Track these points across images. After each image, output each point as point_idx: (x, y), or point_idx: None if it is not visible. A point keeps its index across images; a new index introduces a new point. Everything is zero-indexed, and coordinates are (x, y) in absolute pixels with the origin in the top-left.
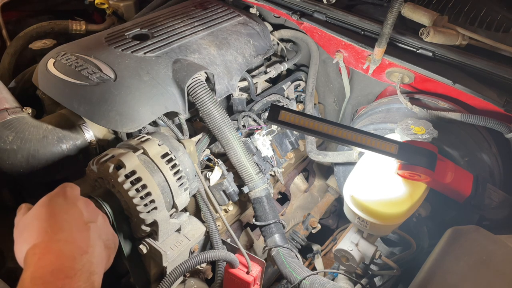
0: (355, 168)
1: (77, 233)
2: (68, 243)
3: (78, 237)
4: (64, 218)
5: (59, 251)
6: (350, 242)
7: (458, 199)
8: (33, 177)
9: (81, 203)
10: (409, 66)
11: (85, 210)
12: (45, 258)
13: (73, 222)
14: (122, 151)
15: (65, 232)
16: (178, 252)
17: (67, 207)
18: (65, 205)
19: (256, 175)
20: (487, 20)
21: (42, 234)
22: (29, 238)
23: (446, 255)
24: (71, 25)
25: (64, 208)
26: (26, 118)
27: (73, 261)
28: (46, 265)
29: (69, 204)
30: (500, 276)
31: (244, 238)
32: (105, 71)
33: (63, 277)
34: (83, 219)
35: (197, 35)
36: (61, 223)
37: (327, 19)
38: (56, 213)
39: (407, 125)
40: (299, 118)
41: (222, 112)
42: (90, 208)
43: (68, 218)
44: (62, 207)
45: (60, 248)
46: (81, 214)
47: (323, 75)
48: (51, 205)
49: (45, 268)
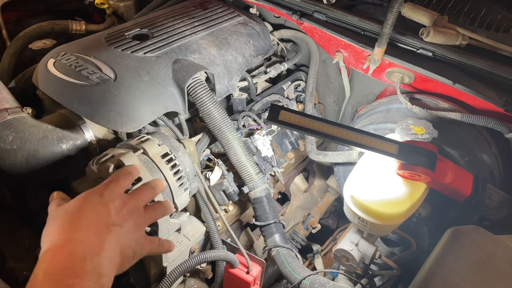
0: (355, 168)
1: (93, 234)
2: (81, 243)
3: (92, 238)
4: (87, 217)
5: (72, 250)
6: (350, 242)
7: (458, 199)
8: (33, 177)
9: (115, 204)
10: (409, 66)
11: (116, 212)
12: (58, 256)
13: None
14: (122, 151)
15: (81, 232)
16: (178, 252)
17: (97, 205)
18: (97, 203)
19: (256, 175)
20: (487, 20)
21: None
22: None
23: (446, 255)
24: (71, 25)
25: (94, 206)
26: (26, 118)
27: (84, 262)
28: (58, 262)
29: (102, 203)
30: (500, 276)
31: (244, 238)
32: (105, 71)
33: (73, 276)
34: (107, 220)
35: (197, 35)
36: (82, 222)
37: (327, 19)
38: (82, 210)
39: (407, 125)
40: (299, 118)
41: (222, 112)
42: (122, 211)
43: (91, 217)
44: (93, 204)
45: (73, 247)
46: (108, 215)
47: (323, 75)
48: (84, 200)
49: (58, 266)
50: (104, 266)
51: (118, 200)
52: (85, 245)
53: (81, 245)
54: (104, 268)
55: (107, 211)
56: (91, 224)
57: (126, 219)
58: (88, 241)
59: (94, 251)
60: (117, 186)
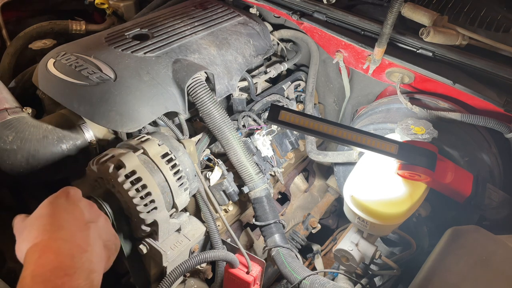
0: (355, 168)
1: (77, 232)
2: (67, 241)
3: (77, 236)
4: (64, 218)
5: (58, 249)
6: (350, 242)
7: (458, 199)
8: (33, 177)
9: (83, 204)
10: (409, 66)
11: (87, 210)
12: (45, 256)
13: (73, 222)
14: (122, 151)
15: (65, 231)
16: (178, 252)
17: (69, 207)
18: (66, 205)
19: (256, 175)
20: (487, 20)
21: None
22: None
23: (446, 255)
24: (71, 25)
25: (65, 208)
26: (26, 118)
27: (72, 260)
28: (46, 263)
29: (71, 204)
30: (500, 276)
31: (244, 238)
32: (105, 71)
33: (62, 275)
34: (83, 219)
35: (197, 35)
36: (62, 222)
37: (327, 19)
38: (57, 213)
39: (407, 125)
40: (299, 118)
41: (222, 112)
42: (92, 209)
43: (68, 217)
44: (64, 207)
45: (60, 246)
46: (82, 214)
47: (323, 75)
48: (53, 205)
49: (45, 266)
50: (92, 262)
51: (83, 201)
52: (72, 243)
53: (68, 244)
54: (93, 264)
55: (79, 210)
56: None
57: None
58: (74, 239)
59: (82, 248)
60: (74, 190)
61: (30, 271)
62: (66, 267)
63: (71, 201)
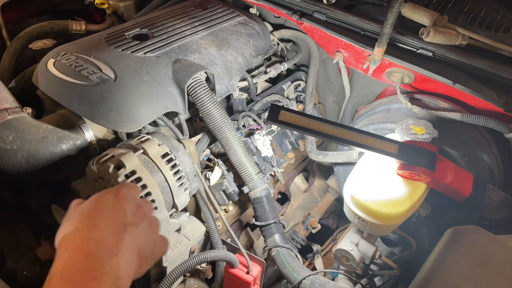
0: (355, 168)
1: (110, 234)
2: (99, 243)
3: (110, 238)
4: (104, 217)
5: (90, 250)
6: (350, 242)
7: (458, 199)
8: (33, 177)
9: (129, 205)
10: (409, 66)
11: (131, 212)
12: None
13: (111, 222)
14: (122, 151)
15: (99, 231)
16: (178, 252)
17: (113, 206)
18: (111, 203)
19: (256, 175)
20: (487, 20)
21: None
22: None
23: (446, 255)
24: (71, 25)
25: (109, 206)
26: (26, 118)
27: (102, 263)
28: (75, 263)
29: (116, 203)
30: (500, 276)
31: (244, 238)
32: (105, 71)
33: (90, 278)
34: (123, 220)
35: (197, 35)
36: (99, 221)
37: (327, 19)
38: (99, 210)
39: (407, 125)
40: (299, 118)
41: (222, 112)
42: (138, 211)
43: (108, 217)
44: (108, 205)
45: (91, 247)
46: (123, 215)
47: (323, 75)
48: (99, 201)
49: (74, 267)
50: (121, 267)
51: (133, 201)
52: (102, 245)
53: (98, 245)
54: (122, 270)
55: (123, 210)
56: (108, 223)
57: (141, 218)
58: (105, 241)
59: (112, 252)
60: (131, 189)
61: (60, 270)
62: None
63: (118, 199)
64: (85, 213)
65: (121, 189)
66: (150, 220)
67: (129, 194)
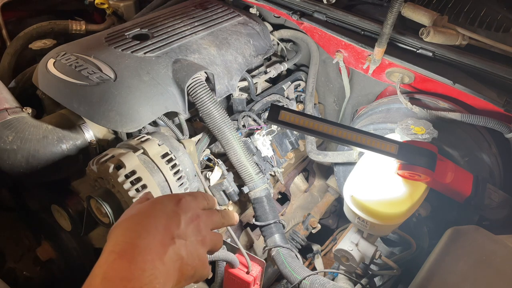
0: (355, 168)
1: (157, 245)
2: (144, 252)
3: (155, 249)
4: (155, 224)
5: (134, 258)
6: (350, 242)
7: (458, 199)
8: (33, 177)
9: (187, 216)
10: (409, 66)
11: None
12: (120, 262)
13: (161, 231)
14: (122, 151)
15: (146, 240)
16: None
17: (169, 214)
18: (168, 211)
19: (256, 175)
20: (487, 20)
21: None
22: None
23: (446, 255)
24: (71, 25)
25: (165, 213)
26: (26, 118)
27: (142, 273)
28: (118, 268)
29: (173, 212)
30: (500, 276)
31: (244, 238)
32: (105, 71)
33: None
34: (173, 231)
35: (197, 35)
36: (149, 228)
37: (327, 19)
38: (154, 215)
39: (407, 125)
40: (299, 118)
41: (222, 112)
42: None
43: (159, 225)
44: (165, 212)
45: (136, 256)
46: (176, 226)
47: (323, 75)
48: (156, 205)
49: (117, 272)
50: (159, 281)
51: (191, 213)
52: (146, 255)
53: (143, 254)
54: (159, 284)
55: (177, 221)
56: (157, 232)
57: (193, 233)
58: (150, 251)
59: (154, 264)
60: (194, 200)
61: (103, 272)
62: (135, 280)
63: (176, 208)
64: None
65: (183, 198)
66: (203, 237)
67: (191, 204)
